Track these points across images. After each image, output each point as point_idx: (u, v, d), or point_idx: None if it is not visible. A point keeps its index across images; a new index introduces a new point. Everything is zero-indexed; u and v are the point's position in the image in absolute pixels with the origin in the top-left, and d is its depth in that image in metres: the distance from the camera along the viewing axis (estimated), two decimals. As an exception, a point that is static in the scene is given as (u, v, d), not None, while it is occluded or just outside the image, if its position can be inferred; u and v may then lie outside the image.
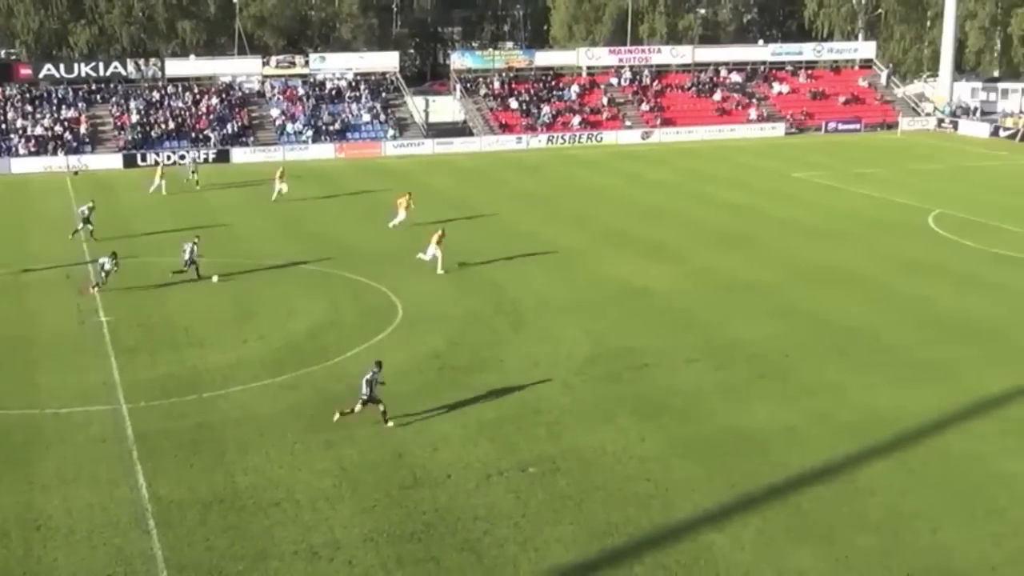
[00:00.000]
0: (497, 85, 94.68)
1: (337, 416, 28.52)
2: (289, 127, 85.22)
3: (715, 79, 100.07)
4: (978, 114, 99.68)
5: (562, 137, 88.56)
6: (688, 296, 41.36)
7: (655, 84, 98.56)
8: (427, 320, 38.08)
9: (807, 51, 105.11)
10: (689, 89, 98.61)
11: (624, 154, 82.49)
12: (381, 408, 28.40)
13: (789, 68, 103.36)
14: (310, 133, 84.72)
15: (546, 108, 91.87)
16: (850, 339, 35.91)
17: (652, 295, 41.40)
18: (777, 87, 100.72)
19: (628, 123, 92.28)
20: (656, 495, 24.78)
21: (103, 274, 41.05)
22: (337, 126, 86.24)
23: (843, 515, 23.82)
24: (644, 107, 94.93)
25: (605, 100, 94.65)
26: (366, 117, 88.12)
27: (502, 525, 23.32)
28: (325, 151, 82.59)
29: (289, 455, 26.87)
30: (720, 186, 66.74)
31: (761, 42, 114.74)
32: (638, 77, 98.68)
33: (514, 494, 24.76)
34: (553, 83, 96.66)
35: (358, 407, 28.24)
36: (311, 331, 37.01)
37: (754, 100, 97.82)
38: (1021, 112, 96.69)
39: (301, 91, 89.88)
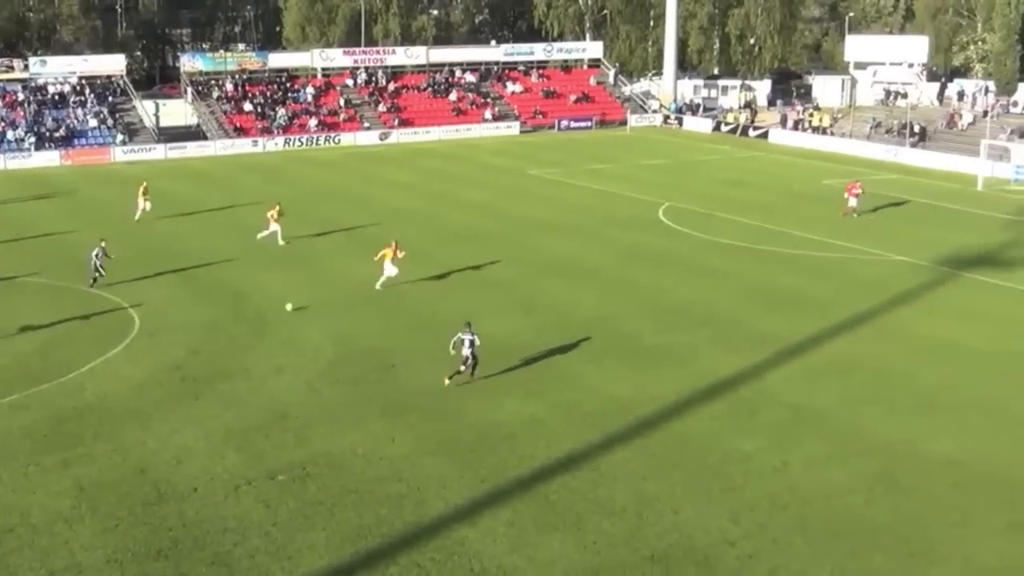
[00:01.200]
0: (230, 88, 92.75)
1: (447, 382, 31.13)
2: (10, 134, 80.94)
3: (450, 79, 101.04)
4: (701, 110, 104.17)
5: (299, 139, 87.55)
6: (433, 294, 41.62)
7: (391, 85, 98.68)
8: (166, 330, 36.97)
9: (538, 51, 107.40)
10: (425, 90, 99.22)
11: (363, 155, 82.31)
12: (462, 368, 31.16)
13: (522, 68, 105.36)
14: (32, 140, 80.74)
15: (282, 110, 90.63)
16: (590, 330, 36.90)
17: (397, 295, 41.44)
18: (511, 87, 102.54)
19: (366, 124, 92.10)
20: (408, 494, 24.86)
21: None
22: (62, 132, 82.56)
23: (589, 502, 24.49)
24: (381, 108, 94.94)
25: (342, 102, 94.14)
26: (93, 122, 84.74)
27: (253, 535, 22.90)
28: (50, 158, 78.84)
29: (23, 478, 25.59)
30: (460, 185, 67.47)
31: (493, 43, 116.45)
32: (374, 78, 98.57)
33: (264, 503, 24.36)
34: (288, 85, 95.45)
35: (462, 368, 31.10)
36: (42, 347, 35.29)
37: (489, 100, 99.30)
38: (740, 107, 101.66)
39: (21, 96, 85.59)
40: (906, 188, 65.49)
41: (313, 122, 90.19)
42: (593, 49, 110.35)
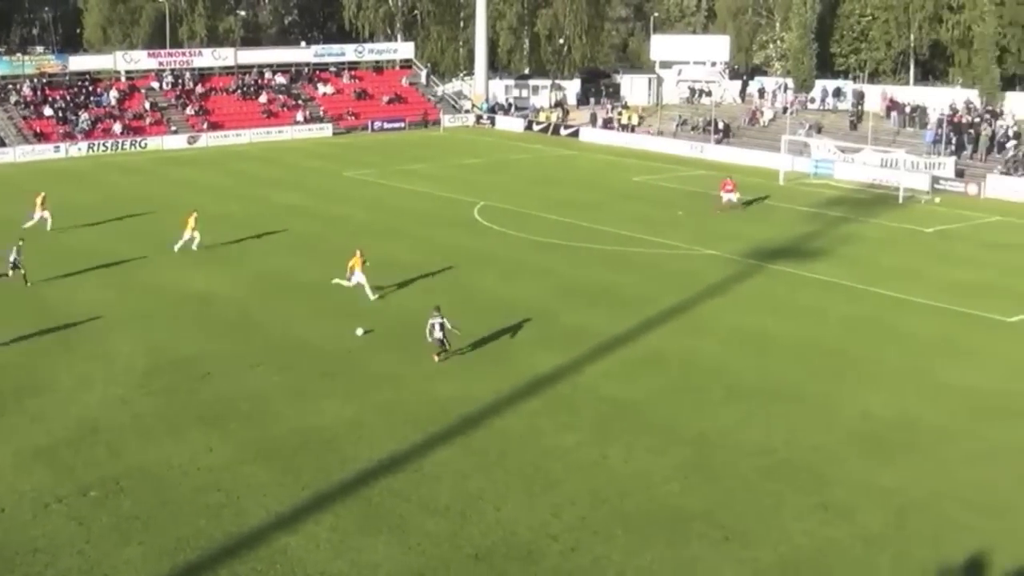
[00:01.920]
0: (28, 92, 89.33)
1: (437, 359, 33.49)
2: None
3: (260, 81, 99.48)
4: (513, 110, 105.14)
5: (104, 144, 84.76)
6: (247, 300, 40.94)
7: (199, 88, 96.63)
8: (-34, 345, 35.41)
9: (349, 52, 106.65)
10: (234, 92, 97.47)
11: (172, 159, 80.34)
12: (437, 350, 33.44)
13: (333, 69, 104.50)
14: None
15: (84, 115, 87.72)
16: (407, 331, 36.71)
17: (210, 301, 40.64)
18: (322, 88, 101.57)
19: (173, 128, 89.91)
20: (227, 504, 24.41)
21: None
22: None
23: (412, 503, 24.48)
24: (189, 111, 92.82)
25: (147, 105, 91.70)
26: None
27: (65, 555, 22.12)
28: None
29: None
30: (273, 188, 66.47)
31: (303, 44, 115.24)
32: (180, 81, 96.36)
33: (76, 521, 23.56)
34: (90, 88, 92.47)
35: (439, 350, 33.47)
36: None
37: (300, 102, 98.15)
38: (551, 107, 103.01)
39: None
40: (712, 184, 67.33)
41: (118, 126, 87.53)
42: (404, 50, 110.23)
